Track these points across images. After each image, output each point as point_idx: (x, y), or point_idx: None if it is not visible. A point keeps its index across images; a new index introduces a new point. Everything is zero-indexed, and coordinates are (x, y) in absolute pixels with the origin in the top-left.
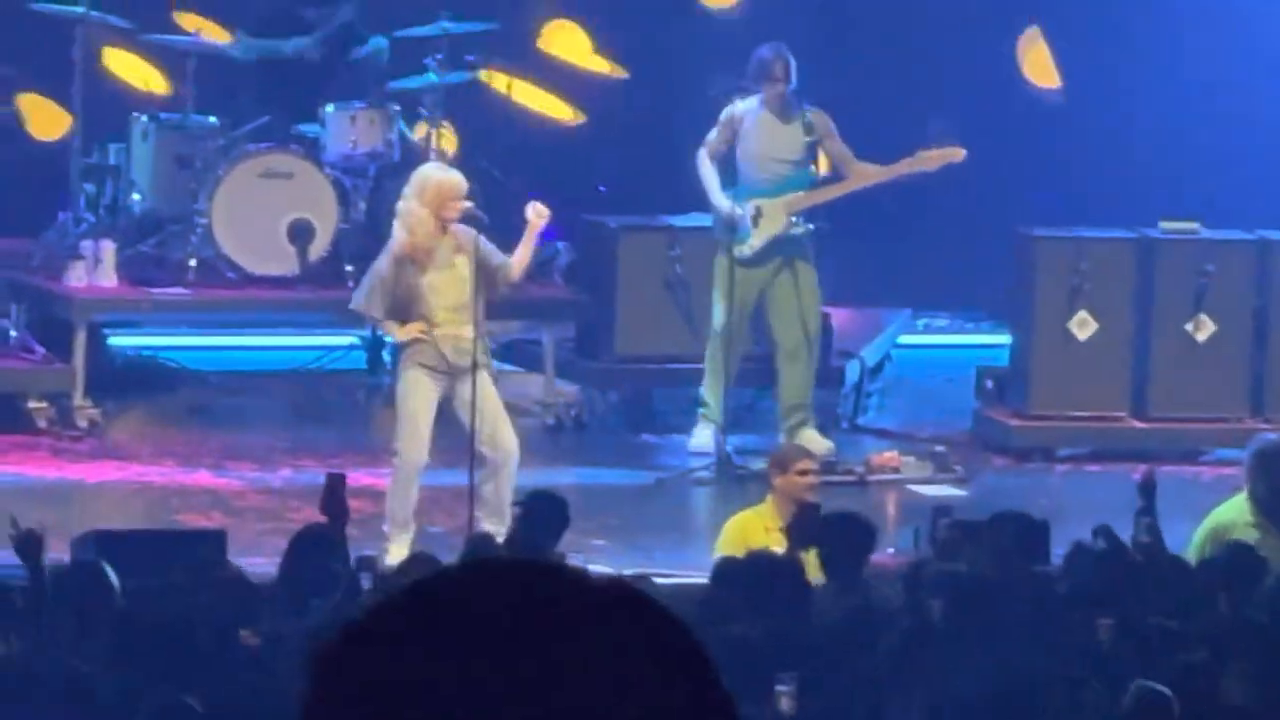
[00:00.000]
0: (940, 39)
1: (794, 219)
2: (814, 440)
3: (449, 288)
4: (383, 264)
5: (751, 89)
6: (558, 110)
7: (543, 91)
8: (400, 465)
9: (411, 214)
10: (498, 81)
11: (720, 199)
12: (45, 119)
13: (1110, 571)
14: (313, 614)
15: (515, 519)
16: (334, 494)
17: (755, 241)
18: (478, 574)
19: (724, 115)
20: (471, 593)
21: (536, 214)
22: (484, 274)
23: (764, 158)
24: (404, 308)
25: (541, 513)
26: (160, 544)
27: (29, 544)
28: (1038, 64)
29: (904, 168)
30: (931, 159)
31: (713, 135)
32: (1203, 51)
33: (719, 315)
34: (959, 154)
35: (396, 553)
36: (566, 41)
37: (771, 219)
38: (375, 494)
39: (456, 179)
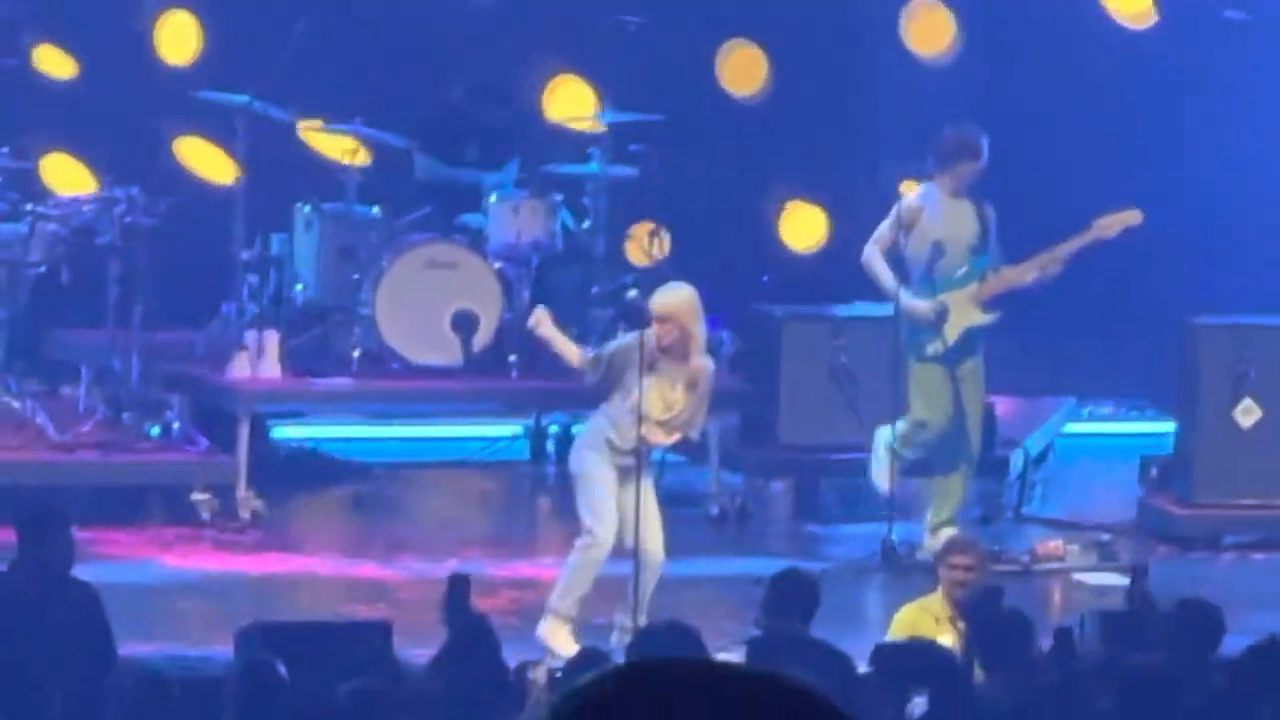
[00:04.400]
0: (1111, 120)
1: (981, 309)
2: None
3: (660, 406)
4: (621, 340)
5: (941, 171)
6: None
7: None
8: (593, 544)
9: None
10: None
11: (911, 300)
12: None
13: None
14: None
15: (764, 598)
16: (457, 599)
17: (949, 337)
18: (642, 674)
19: (904, 206)
20: (639, 692)
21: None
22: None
23: (948, 245)
24: (611, 386)
25: (791, 592)
26: (325, 635)
27: None
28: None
29: (1082, 240)
30: (1109, 226)
31: (885, 228)
32: None
33: (925, 421)
34: (1136, 217)
35: (554, 634)
36: None
37: (961, 310)
38: (539, 585)
39: (656, 301)
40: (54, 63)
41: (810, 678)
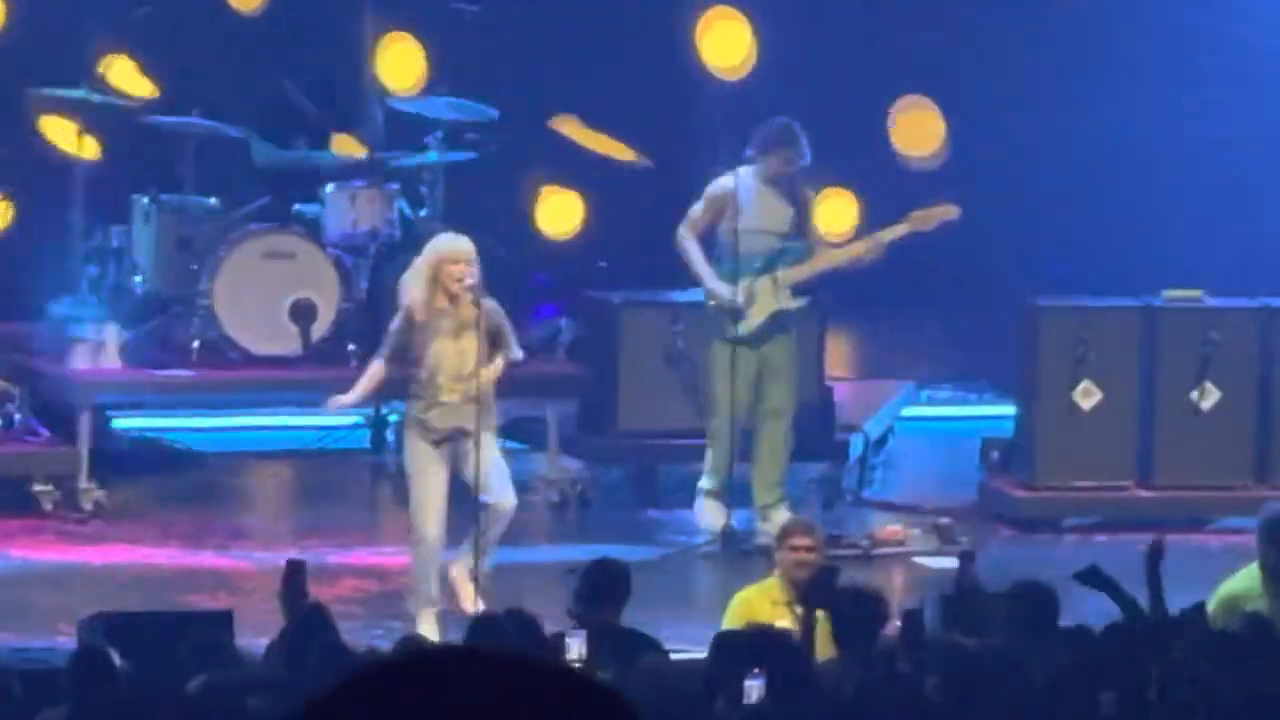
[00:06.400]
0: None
1: (789, 294)
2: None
3: (454, 359)
4: (394, 321)
5: (757, 158)
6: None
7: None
8: (419, 544)
9: (414, 272)
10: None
11: (715, 283)
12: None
13: (1116, 642)
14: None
15: (576, 587)
16: (294, 582)
17: (753, 321)
18: (422, 663)
19: (713, 189)
20: (416, 682)
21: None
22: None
23: (758, 231)
24: (409, 366)
25: (602, 581)
26: (167, 625)
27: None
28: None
29: (896, 231)
30: (926, 219)
31: (698, 210)
32: (1207, 116)
33: (722, 399)
34: (953, 212)
35: (425, 629)
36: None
37: (766, 295)
38: (381, 573)
39: (455, 245)
40: None
41: (624, 668)
